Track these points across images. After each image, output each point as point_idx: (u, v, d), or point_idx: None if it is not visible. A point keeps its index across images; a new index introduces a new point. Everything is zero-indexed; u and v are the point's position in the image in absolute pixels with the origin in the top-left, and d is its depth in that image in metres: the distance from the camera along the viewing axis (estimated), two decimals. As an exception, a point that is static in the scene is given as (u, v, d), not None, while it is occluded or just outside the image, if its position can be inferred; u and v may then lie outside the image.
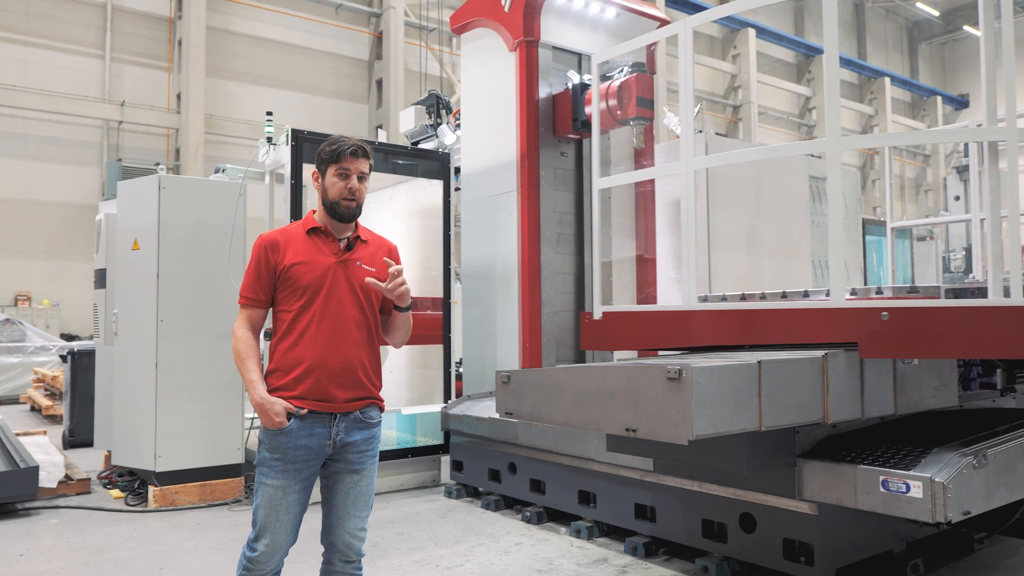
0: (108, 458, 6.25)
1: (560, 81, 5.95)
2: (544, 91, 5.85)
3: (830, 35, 3.37)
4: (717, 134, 14.54)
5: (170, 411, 5.47)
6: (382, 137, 8.79)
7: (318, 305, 2.70)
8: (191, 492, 5.49)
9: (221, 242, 5.70)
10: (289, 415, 2.63)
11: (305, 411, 2.64)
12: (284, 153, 5.66)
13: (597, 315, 4.28)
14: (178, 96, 15.60)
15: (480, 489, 5.63)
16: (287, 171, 5.60)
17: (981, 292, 3.22)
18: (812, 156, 7.31)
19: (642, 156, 6.19)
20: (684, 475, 4.09)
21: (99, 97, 15.08)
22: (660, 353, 4.12)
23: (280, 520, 2.63)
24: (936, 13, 27.39)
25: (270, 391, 2.68)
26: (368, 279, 2.71)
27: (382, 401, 2.87)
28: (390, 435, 6.42)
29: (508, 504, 5.37)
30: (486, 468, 5.51)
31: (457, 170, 6.73)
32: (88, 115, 14.92)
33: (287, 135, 5.61)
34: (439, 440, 6.13)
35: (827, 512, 3.53)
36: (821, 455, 3.54)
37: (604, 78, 5.61)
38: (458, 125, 7.05)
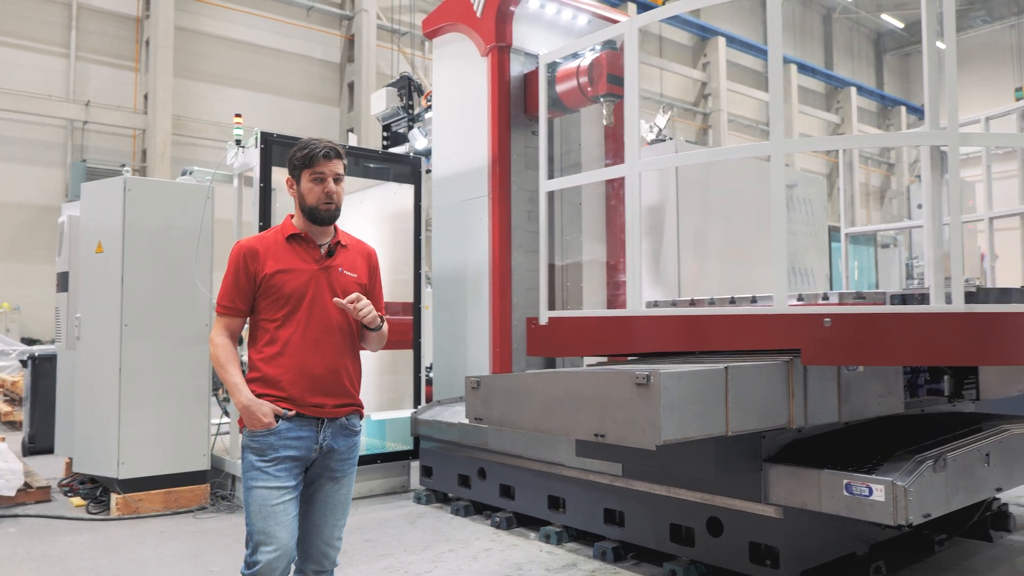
0: (69, 465, 6.13)
1: (532, 86, 5.96)
2: (516, 70, 5.85)
3: (774, 39, 3.39)
4: (687, 141, 14.69)
5: (134, 417, 5.38)
6: (352, 141, 8.75)
7: (303, 313, 2.67)
8: (155, 499, 5.40)
9: (188, 245, 5.62)
10: (276, 416, 2.60)
11: (292, 412, 2.62)
12: (253, 156, 5.61)
13: (543, 321, 4.22)
14: (145, 97, 15.38)
15: (450, 495, 5.61)
16: (256, 174, 5.55)
17: (925, 298, 3.26)
18: (786, 164, 7.37)
19: (613, 142, 6.20)
20: (652, 480, 4.11)
21: (64, 97, 14.81)
22: (628, 359, 4.12)
23: (279, 522, 2.56)
24: (901, 25, 27.94)
25: (261, 398, 2.64)
26: (336, 300, 2.68)
27: (363, 407, 2.86)
28: (359, 441, 6.37)
29: (478, 510, 5.36)
30: (456, 474, 5.49)
31: (428, 170, 6.72)
32: (52, 115, 14.64)
33: (256, 137, 5.56)
34: (409, 446, 6.10)
35: (792, 516, 3.57)
36: (786, 459, 3.58)
37: (574, 56, 5.60)
38: (429, 107, 7.02)
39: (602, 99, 5.52)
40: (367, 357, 7.04)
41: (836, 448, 3.63)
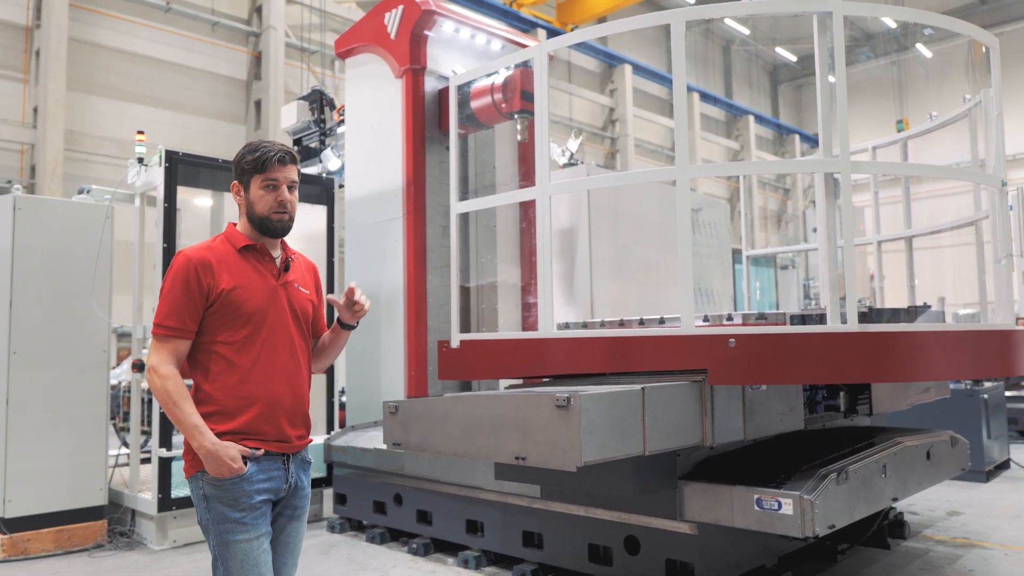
0: (-52, 504, 5.67)
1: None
2: (431, 85, 5.86)
3: (678, 70, 3.52)
4: (597, 165, 15.01)
5: (22, 451, 5.05)
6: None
7: (265, 335, 2.39)
8: (46, 539, 5.06)
9: (85, 268, 5.34)
10: (244, 459, 2.32)
11: (262, 452, 2.35)
12: (157, 174, 5.40)
13: (455, 343, 4.17)
14: (35, 110, 14.57)
15: (365, 522, 5.49)
16: (160, 193, 5.34)
17: (823, 319, 3.43)
18: (690, 189, 7.63)
19: (525, 165, 6.28)
20: (570, 501, 4.14)
21: (-58, 108, 13.88)
22: (542, 381, 4.13)
23: (263, 573, 2.32)
24: (794, 58, 29.48)
25: (221, 436, 2.32)
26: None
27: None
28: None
29: (394, 536, 5.26)
30: (371, 500, 5.38)
31: (342, 185, 6.63)
32: (-71, 127, 13.68)
33: (161, 155, 5.35)
34: (322, 473, 5.94)
35: (707, 532, 3.66)
36: (700, 477, 3.68)
37: (488, 75, 5.66)
38: (342, 121, 6.92)
39: (516, 115, 5.59)
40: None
41: (746, 464, 3.75)
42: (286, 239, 2.59)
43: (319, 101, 7.50)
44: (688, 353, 3.35)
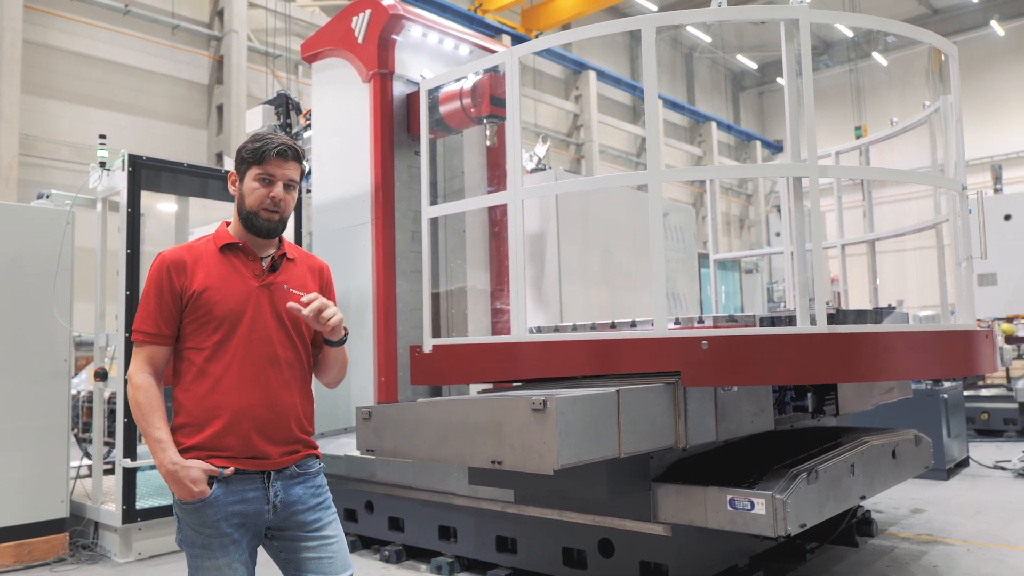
0: (-100, 520, 5.48)
1: (415, 114, 5.96)
2: (399, 89, 5.83)
3: (649, 75, 3.55)
4: (566, 171, 15.09)
5: (-20, 463, 4.90)
6: (228, 165, 8.41)
7: (239, 340, 2.21)
8: (5, 553, 4.91)
9: (45, 275, 5.22)
10: (211, 479, 2.14)
11: (231, 470, 2.16)
12: (120, 179, 5.29)
13: (427, 348, 4.15)
14: (-12, 114, 14.20)
15: (335, 530, 5.42)
16: (123, 199, 5.24)
17: (792, 320, 3.48)
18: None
19: (494, 170, 6.28)
20: (544, 505, 4.14)
21: None
22: (513, 385, 4.13)
23: None
24: (755, 65, 29.97)
25: (181, 451, 2.16)
26: (289, 304, 2.21)
27: (316, 449, 2.41)
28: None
29: (365, 544, 5.21)
30: (342, 508, 5.32)
31: (309, 190, 6.56)
32: None
33: (124, 160, 5.25)
34: (290, 481, 5.85)
35: (680, 533, 3.69)
36: (673, 478, 3.70)
37: (457, 80, 5.65)
38: (308, 126, 6.86)
39: (485, 120, 5.59)
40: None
41: (718, 466, 3.79)
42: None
43: (285, 105, 7.41)
44: (661, 355, 3.37)
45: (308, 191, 6.55)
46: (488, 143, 5.79)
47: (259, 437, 2.21)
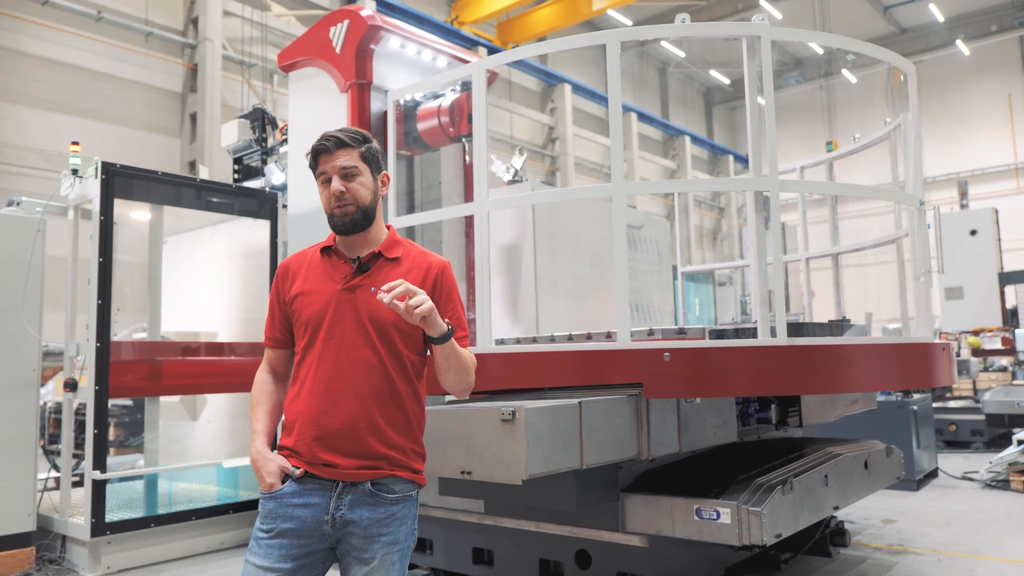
0: None
1: (392, 121, 5.97)
2: (376, 107, 5.83)
3: (613, 88, 3.61)
4: (542, 182, 15.16)
5: (-56, 475, 4.79)
6: (204, 173, 8.33)
7: (318, 346, 2.17)
8: (-32, 568, 4.81)
9: (14, 283, 5.14)
10: (286, 476, 2.14)
11: (300, 472, 2.14)
12: (92, 187, 5.24)
13: None
14: (-45, 119, 13.97)
15: (308, 543, 5.37)
16: (96, 206, 5.18)
17: (743, 332, 3.54)
18: (630, 207, 7.81)
19: (471, 181, 6.30)
20: (520, 516, 4.14)
21: None
22: (479, 396, 4.10)
23: None
24: (728, 80, 30.37)
25: (279, 450, 2.20)
26: (379, 296, 2.04)
27: (412, 472, 2.20)
28: (209, 491, 5.99)
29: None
30: (315, 520, 5.27)
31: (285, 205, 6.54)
32: None
33: (97, 167, 5.19)
34: (263, 493, 5.80)
35: (656, 544, 3.71)
36: (642, 488, 3.74)
37: (435, 96, 5.66)
38: (284, 141, 6.83)
39: (464, 139, 5.61)
40: (218, 401, 6.67)
41: (687, 476, 3.83)
42: (407, 238, 2.39)
43: (260, 120, 7.36)
44: (624, 367, 3.41)
45: (284, 206, 6.51)
46: (467, 159, 5.82)
47: (321, 446, 2.13)
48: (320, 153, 2.24)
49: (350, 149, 2.23)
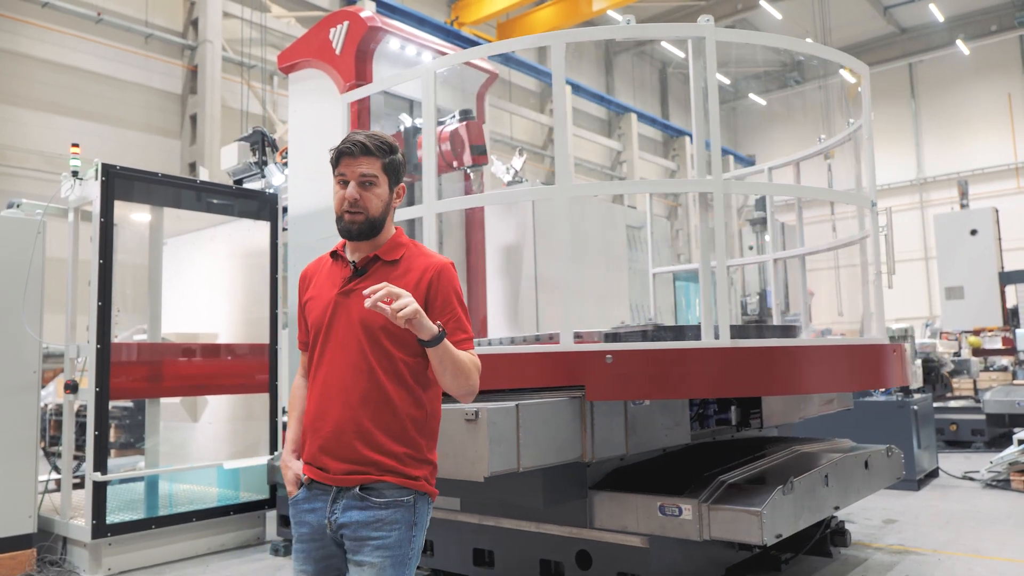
0: None
1: (392, 124, 5.97)
2: (376, 101, 5.84)
3: (558, 88, 3.67)
4: (542, 183, 15.14)
5: (-56, 477, 4.79)
6: (203, 175, 8.33)
7: (319, 350, 2.22)
8: (-31, 570, 4.81)
9: (14, 285, 5.13)
10: (302, 483, 2.23)
11: (306, 479, 2.21)
12: (93, 189, 5.23)
13: None
14: (-45, 121, 13.97)
15: (309, 544, 5.37)
16: (96, 208, 5.18)
17: (697, 333, 3.54)
18: (629, 207, 7.83)
19: (468, 179, 6.31)
20: (520, 517, 4.14)
21: None
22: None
23: None
24: (728, 81, 30.39)
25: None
26: (367, 302, 1.97)
27: (406, 477, 2.14)
28: (210, 492, 5.99)
29: (340, 558, 5.16)
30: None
31: (285, 209, 6.53)
32: None
33: (97, 169, 5.19)
34: (265, 495, 5.81)
35: (657, 545, 3.71)
36: (609, 486, 3.77)
37: (439, 123, 5.68)
38: (285, 164, 6.84)
39: (468, 170, 5.65)
40: (219, 403, 6.66)
41: (655, 474, 3.88)
42: (414, 239, 2.35)
43: (260, 142, 7.30)
44: (567, 370, 3.42)
45: (284, 229, 6.49)
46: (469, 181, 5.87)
47: (319, 451, 2.17)
48: (344, 155, 2.20)
49: (374, 159, 2.20)
